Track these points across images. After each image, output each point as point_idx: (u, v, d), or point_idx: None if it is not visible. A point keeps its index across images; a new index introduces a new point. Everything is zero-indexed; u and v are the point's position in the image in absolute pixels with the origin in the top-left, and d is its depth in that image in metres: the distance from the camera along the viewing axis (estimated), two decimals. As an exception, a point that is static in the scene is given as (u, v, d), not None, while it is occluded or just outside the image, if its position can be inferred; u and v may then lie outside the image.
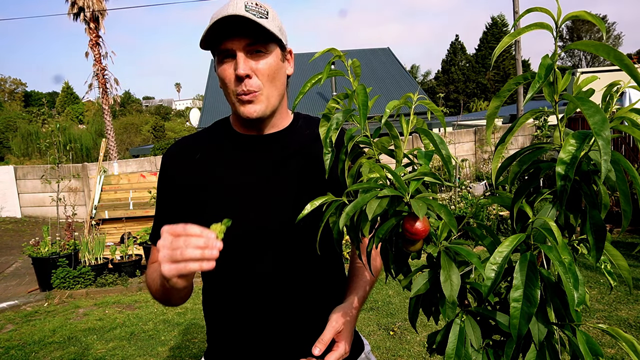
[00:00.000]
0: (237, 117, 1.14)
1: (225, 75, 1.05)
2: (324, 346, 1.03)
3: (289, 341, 1.12)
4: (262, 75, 1.05)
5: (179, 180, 1.14)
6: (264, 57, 1.05)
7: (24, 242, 6.93)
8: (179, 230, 0.84)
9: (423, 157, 0.81)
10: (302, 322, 1.13)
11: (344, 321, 1.08)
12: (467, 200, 6.61)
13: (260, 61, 1.04)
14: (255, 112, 1.06)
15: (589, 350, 0.65)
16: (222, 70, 1.05)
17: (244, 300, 1.13)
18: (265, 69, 1.05)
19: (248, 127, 1.15)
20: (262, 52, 1.04)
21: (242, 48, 1.02)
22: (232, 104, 1.09)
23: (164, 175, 1.17)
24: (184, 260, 0.82)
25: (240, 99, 1.05)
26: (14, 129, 31.29)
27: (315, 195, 0.90)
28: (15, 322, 5.01)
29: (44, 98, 50.33)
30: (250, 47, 1.03)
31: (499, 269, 0.65)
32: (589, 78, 0.74)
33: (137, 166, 11.83)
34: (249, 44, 1.03)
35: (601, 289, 4.46)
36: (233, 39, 1.02)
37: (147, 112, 50.78)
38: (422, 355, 3.50)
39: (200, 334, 4.24)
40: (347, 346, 1.07)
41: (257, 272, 1.11)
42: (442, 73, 47.58)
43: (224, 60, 1.05)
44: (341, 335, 1.07)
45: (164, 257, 0.84)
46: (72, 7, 18.39)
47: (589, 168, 0.66)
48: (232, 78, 1.04)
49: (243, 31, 1.02)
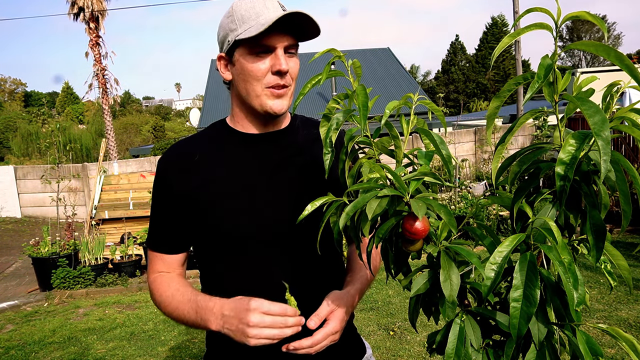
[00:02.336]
0: (252, 113, 1.14)
1: (257, 69, 1.06)
2: (319, 320, 1.05)
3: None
4: (292, 74, 1.10)
5: (177, 186, 1.13)
6: (294, 57, 1.10)
7: (24, 242, 6.93)
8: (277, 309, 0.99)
9: (423, 157, 0.81)
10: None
11: (339, 302, 1.09)
12: (467, 200, 6.61)
13: (292, 60, 1.09)
14: (282, 108, 1.10)
15: (589, 350, 0.65)
16: (253, 63, 1.06)
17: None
18: (295, 69, 1.11)
19: (258, 124, 1.16)
20: (293, 54, 1.09)
21: (283, 46, 1.06)
22: (257, 98, 1.09)
23: (161, 181, 1.16)
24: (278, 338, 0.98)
25: (272, 92, 1.08)
26: (14, 129, 31.30)
27: (316, 196, 0.90)
28: (15, 322, 5.01)
29: (44, 98, 50.36)
30: (289, 47, 1.07)
31: (499, 269, 0.65)
32: (589, 78, 0.74)
33: (137, 166, 11.83)
34: (293, 44, 1.08)
35: (601, 289, 4.46)
36: (278, 36, 1.04)
37: (147, 112, 50.76)
38: (422, 355, 3.50)
39: (200, 334, 4.24)
40: (336, 325, 1.07)
41: (258, 273, 1.11)
42: (442, 73, 47.58)
43: (259, 54, 1.06)
44: (333, 315, 1.07)
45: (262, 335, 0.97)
46: (72, 7, 18.39)
47: (589, 168, 0.66)
48: (266, 72, 1.06)
49: (289, 30, 1.05)
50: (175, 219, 1.15)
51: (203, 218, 1.11)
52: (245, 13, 1.05)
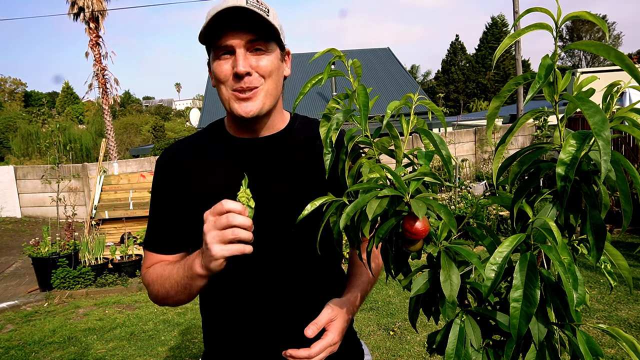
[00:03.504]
0: (232, 118, 1.11)
1: (221, 72, 1.01)
2: (318, 329, 1.02)
3: (287, 343, 1.12)
4: (262, 73, 1.02)
5: (175, 187, 1.12)
6: (264, 55, 1.02)
7: (24, 242, 6.93)
8: (219, 208, 0.89)
9: (423, 157, 0.81)
10: (301, 323, 1.12)
11: (338, 312, 1.07)
12: (467, 200, 6.60)
13: (261, 58, 1.02)
14: (251, 112, 1.03)
15: (589, 350, 0.65)
16: (217, 67, 1.01)
17: (243, 301, 1.12)
18: (267, 66, 1.02)
19: (243, 128, 1.12)
20: (262, 50, 1.02)
21: (243, 45, 0.99)
22: (227, 102, 1.04)
23: (159, 181, 1.15)
24: (235, 240, 0.88)
25: (236, 96, 1.02)
26: (14, 129, 31.29)
27: (315, 197, 0.89)
28: (15, 322, 5.00)
29: (44, 98, 50.29)
30: (251, 44, 1.00)
31: (499, 269, 0.65)
32: (589, 78, 0.74)
33: (137, 166, 11.83)
34: (251, 40, 1.00)
35: (601, 289, 4.46)
36: (234, 33, 0.98)
37: (147, 112, 50.75)
38: (422, 355, 3.50)
39: (200, 334, 4.24)
40: (335, 337, 1.05)
41: (258, 274, 1.11)
42: (442, 73, 47.57)
43: (222, 57, 1.01)
44: (332, 326, 1.05)
45: (213, 239, 0.89)
46: (72, 7, 18.39)
47: (589, 168, 0.66)
48: (229, 75, 1.01)
49: (245, 25, 0.98)
50: (172, 218, 1.13)
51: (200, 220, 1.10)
52: (210, 9, 0.99)
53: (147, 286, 1.16)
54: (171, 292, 1.08)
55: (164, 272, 1.10)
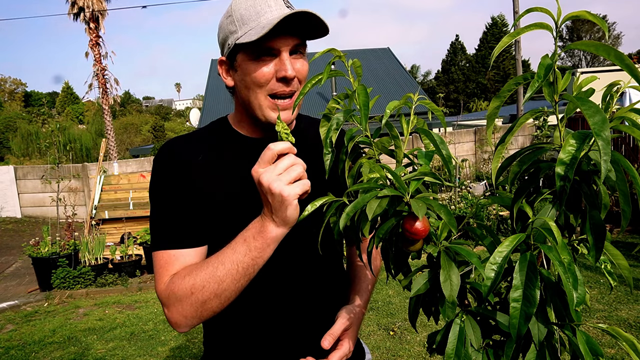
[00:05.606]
0: (253, 121, 1.05)
1: (262, 75, 0.96)
2: (334, 339, 1.02)
3: (287, 344, 1.11)
4: (301, 77, 1.00)
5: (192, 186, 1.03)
6: (301, 58, 1.00)
7: (24, 242, 6.93)
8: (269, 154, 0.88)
9: (423, 157, 0.81)
10: (301, 324, 1.12)
11: (352, 320, 1.08)
12: (467, 200, 6.60)
13: (301, 62, 1.00)
14: (289, 118, 1.00)
15: (589, 350, 0.65)
16: (256, 69, 0.96)
17: (243, 302, 1.12)
18: (304, 71, 1.00)
19: (262, 129, 1.08)
20: (301, 54, 1.00)
21: (289, 48, 0.97)
22: (259, 109, 1.00)
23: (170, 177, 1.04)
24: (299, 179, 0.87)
25: (275, 102, 0.99)
26: (14, 129, 31.30)
27: (318, 196, 0.89)
28: (15, 322, 5.00)
29: (44, 98, 50.27)
30: (296, 48, 0.98)
31: (499, 269, 0.65)
32: (589, 78, 0.74)
33: (137, 166, 11.83)
34: (297, 44, 0.98)
35: (601, 289, 4.46)
36: (282, 38, 0.95)
37: (147, 112, 50.80)
38: (422, 355, 3.50)
39: (200, 335, 4.24)
40: (351, 346, 1.06)
41: (258, 275, 1.10)
42: (442, 73, 47.58)
43: (262, 58, 0.96)
44: (347, 334, 1.06)
45: (280, 184, 0.86)
46: (72, 7, 18.41)
47: (589, 168, 0.66)
48: (270, 78, 0.97)
49: (296, 30, 0.96)
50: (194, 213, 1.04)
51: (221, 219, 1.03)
52: (245, 12, 0.97)
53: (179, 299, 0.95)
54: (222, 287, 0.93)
55: (207, 269, 0.94)
